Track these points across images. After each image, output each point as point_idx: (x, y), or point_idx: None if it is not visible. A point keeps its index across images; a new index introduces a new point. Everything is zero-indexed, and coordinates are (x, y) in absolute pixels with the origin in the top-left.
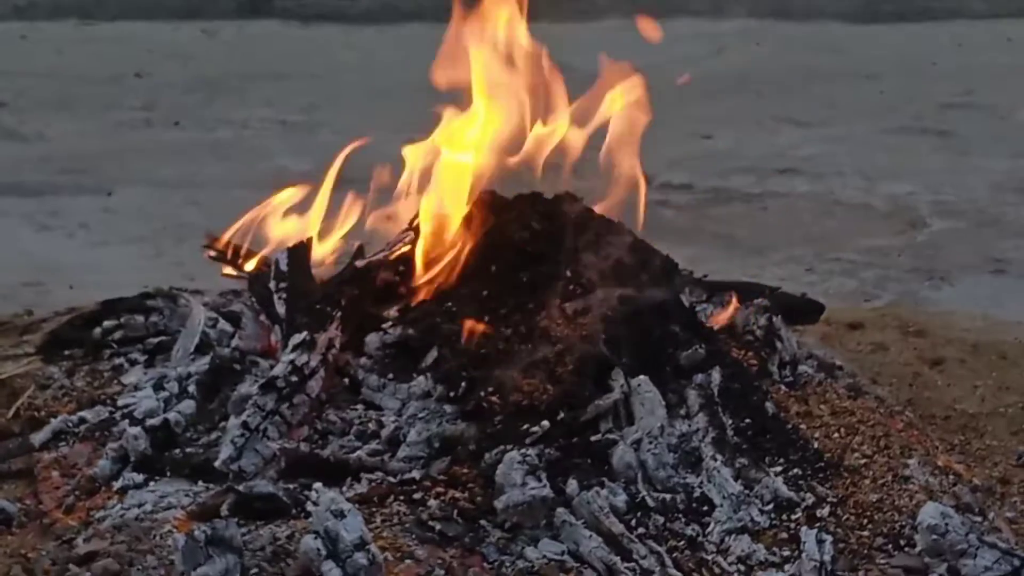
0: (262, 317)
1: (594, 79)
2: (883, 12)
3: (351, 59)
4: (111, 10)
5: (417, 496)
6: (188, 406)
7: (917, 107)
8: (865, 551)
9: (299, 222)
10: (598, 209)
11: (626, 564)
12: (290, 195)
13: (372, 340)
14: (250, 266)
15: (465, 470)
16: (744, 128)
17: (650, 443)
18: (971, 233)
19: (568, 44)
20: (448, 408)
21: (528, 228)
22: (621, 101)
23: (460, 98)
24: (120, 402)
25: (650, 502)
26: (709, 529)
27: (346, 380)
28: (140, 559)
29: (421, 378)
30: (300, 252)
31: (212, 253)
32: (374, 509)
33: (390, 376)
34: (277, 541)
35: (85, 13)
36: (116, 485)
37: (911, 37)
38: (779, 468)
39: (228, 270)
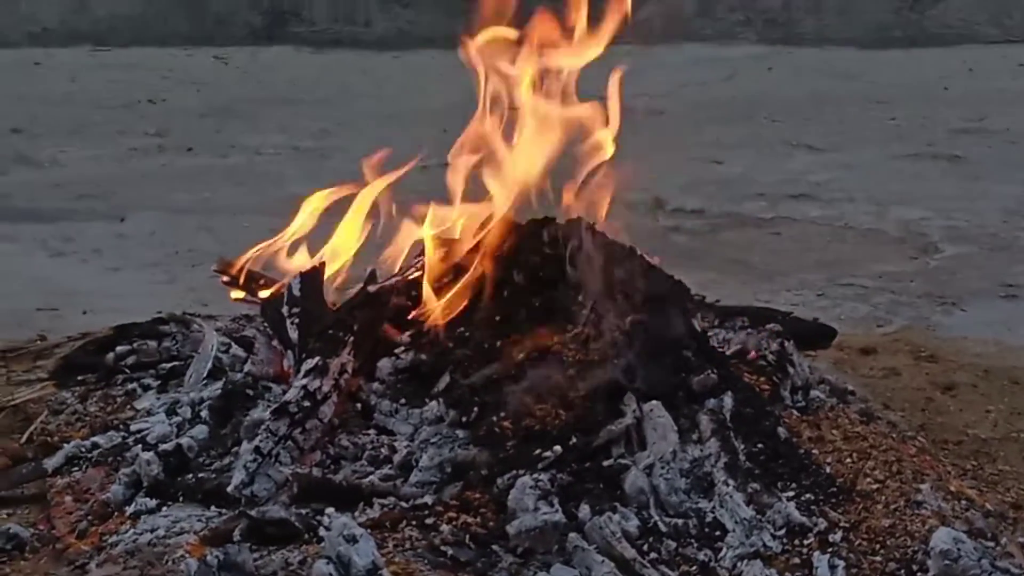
0: (275, 342)
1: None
2: (894, 38)
3: (364, 85)
4: (125, 37)
5: (429, 521)
6: (201, 431)
7: (929, 132)
8: None
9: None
10: (609, 233)
11: None
12: (317, 204)
13: (384, 365)
14: (263, 292)
15: (477, 495)
16: (756, 153)
17: (662, 468)
18: (983, 258)
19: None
20: (460, 433)
21: (540, 253)
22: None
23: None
24: (133, 427)
25: (662, 527)
26: (721, 554)
27: (358, 405)
28: None
29: (433, 403)
30: (313, 277)
31: (225, 278)
32: (386, 534)
33: (402, 401)
34: (289, 566)
35: (99, 40)
36: (129, 510)
37: (923, 62)
38: (791, 493)
39: (240, 294)
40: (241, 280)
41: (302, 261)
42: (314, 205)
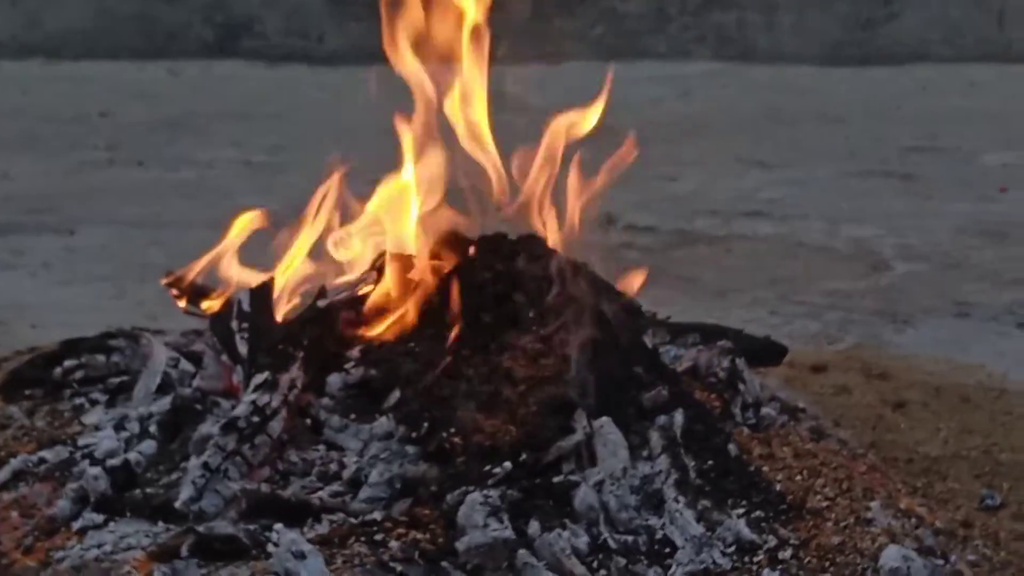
0: (224, 357)
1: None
2: (848, 56)
3: (317, 100)
4: (76, 50)
5: (378, 537)
6: (149, 446)
7: (881, 150)
8: None
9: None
10: (560, 249)
11: None
12: (247, 223)
13: (334, 381)
14: (212, 305)
15: (427, 511)
16: (709, 171)
17: (612, 485)
18: (935, 276)
19: (531, 85)
20: (410, 449)
21: (491, 269)
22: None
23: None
24: (80, 442)
25: (612, 544)
26: (671, 571)
27: (308, 421)
28: None
29: (383, 419)
30: (262, 292)
31: (175, 292)
32: (335, 550)
33: (352, 417)
34: None
35: (51, 52)
36: (76, 525)
37: (876, 81)
38: (741, 510)
39: (189, 307)
40: (189, 294)
41: (250, 275)
42: (252, 222)
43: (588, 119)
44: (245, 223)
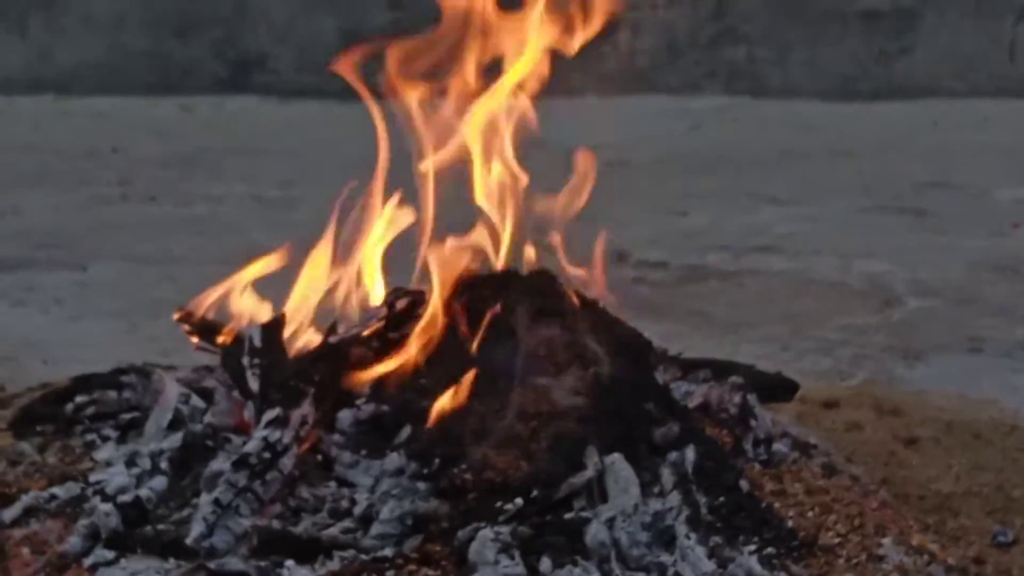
0: (235, 393)
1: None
2: (860, 91)
3: (329, 135)
4: (88, 85)
5: (390, 574)
6: (160, 482)
7: (894, 186)
8: None
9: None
10: (572, 285)
11: None
12: (265, 265)
13: (345, 417)
14: (224, 341)
15: (438, 548)
16: (721, 206)
17: (624, 521)
18: (947, 312)
19: (543, 120)
20: (421, 485)
21: (502, 304)
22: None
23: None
24: (92, 478)
25: None
26: None
27: (319, 457)
28: None
29: (394, 455)
30: (273, 328)
31: (186, 327)
32: None
33: (363, 453)
34: None
35: (63, 88)
36: (87, 562)
37: (888, 116)
38: (753, 547)
39: (201, 342)
40: (201, 330)
41: (262, 310)
42: (270, 264)
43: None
44: (263, 265)
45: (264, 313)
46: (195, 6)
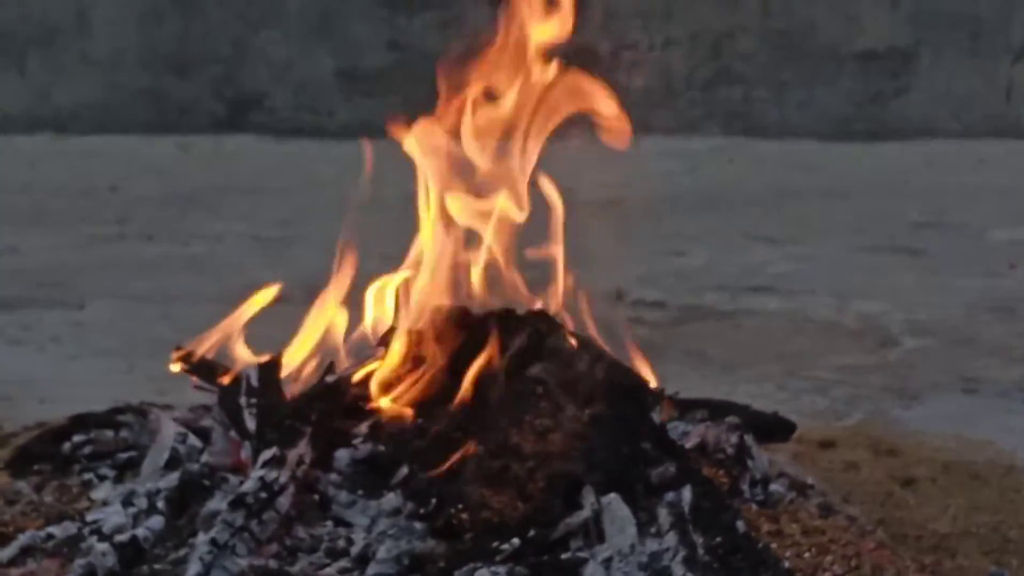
0: (232, 432)
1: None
2: (855, 131)
3: (327, 174)
4: (86, 124)
5: None
6: (157, 522)
7: (889, 226)
8: None
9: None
10: (569, 325)
11: None
12: (261, 300)
13: (342, 456)
14: (222, 380)
15: None
16: (717, 245)
17: (620, 561)
18: (943, 352)
19: (539, 162)
20: (418, 525)
21: (499, 344)
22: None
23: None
24: (88, 518)
25: None
26: None
27: (316, 496)
28: None
29: (391, 495)
30: (271, 368)
31: (184, 367)
32: None
33: (360, 493)
34: None
35: (60, 127)
36: None
37: (883, 156)
38: None
39: (199, 382)
40: (200, 369)
41: (256, 355)
42: (266, 299)
43: None
44: (260, 300)
45: (262, 354)
46: (193, 45)
